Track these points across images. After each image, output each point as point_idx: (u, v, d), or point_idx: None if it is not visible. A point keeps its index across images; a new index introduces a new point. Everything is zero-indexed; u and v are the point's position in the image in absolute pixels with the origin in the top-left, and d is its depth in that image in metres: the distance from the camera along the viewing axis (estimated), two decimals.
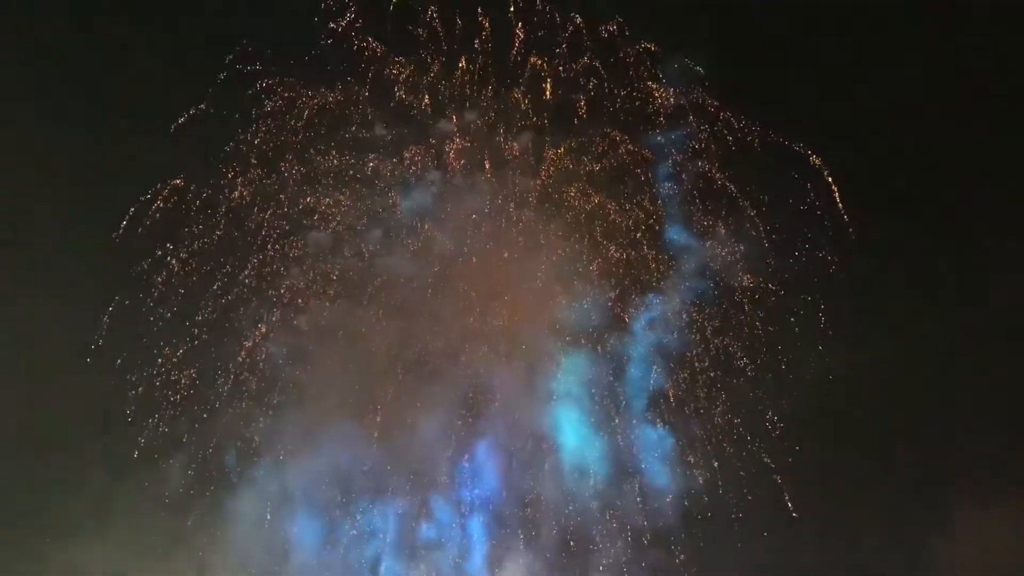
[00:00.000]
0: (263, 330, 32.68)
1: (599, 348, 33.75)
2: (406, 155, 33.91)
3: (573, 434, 32.82)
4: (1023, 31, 34.50)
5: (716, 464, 33.46)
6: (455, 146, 34.23)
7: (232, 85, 32.48)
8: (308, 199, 33.48)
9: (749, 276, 34.42)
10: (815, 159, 34.15)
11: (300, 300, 33.16)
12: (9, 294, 32.07)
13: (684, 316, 34.60)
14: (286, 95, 33.41)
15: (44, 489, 30.17)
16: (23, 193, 32.38)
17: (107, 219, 32.25)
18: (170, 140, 31.87)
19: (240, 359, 32.37)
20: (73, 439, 31.02)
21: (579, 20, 34.26)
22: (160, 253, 32.06)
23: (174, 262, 32.26)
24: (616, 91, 34.57)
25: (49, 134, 32.28)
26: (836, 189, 33.97)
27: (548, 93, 34.41)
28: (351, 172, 33.65)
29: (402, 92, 34.04)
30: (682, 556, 32.10)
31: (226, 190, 32.90)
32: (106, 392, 31.20)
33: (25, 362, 31.24)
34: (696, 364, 34.39)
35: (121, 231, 31.74)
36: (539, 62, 34.29)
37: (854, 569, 33.71)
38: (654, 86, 34.79)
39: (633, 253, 34.42)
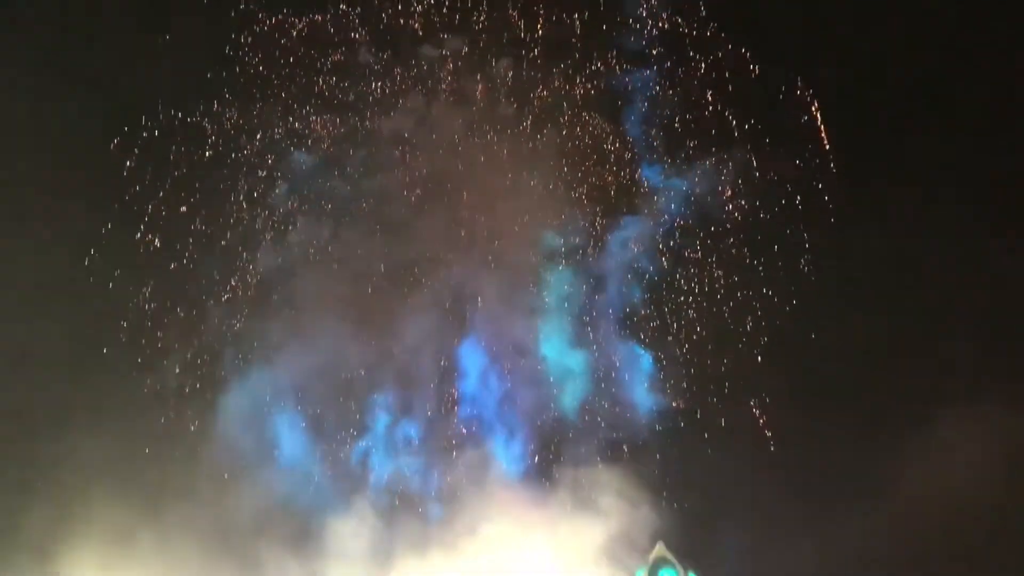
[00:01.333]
0: (253, 248, 33.70)
1: (581, 266, 34.50)
2: (395, 77, 34.43)
3: (552, 348, 33.71)
4: None
5: (694, 387, 34.34)
6: (444, 68, 34.61)
7: (218, 9, 33.18)
8: (296, 123, 34.18)
9: (735, 204, 34.85)
10: (806, 92, 34.37)
11: (289, 220, 34.12)
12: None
13: (669, 241, 35.21)
14: (273, 18, 33.91)
15: (38, 393, 31.33)
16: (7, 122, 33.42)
17: (96, 148, 32.96)
18: (155, 66, 32.41)
19: (232, 276, 33.50)
20: (69, 354, 31.97)
21: None
22: (148, 180, 32.78)
23: (162, 188, 32.96)
24: (612, 16, 34.75)
25: (38, 65, 33.09)
26: (821, 119, 34.22)
27: (541, 16, 34.59)
28: (339, 96, 34.23)
29: (391, 14, 34.46)
30: (656, 472, 32.85)
31: (213, 115, 33.59)
32: (100, 312, 32.19)
33: (17, 282, 31.95)
34: (679, 288, 35.07)
35: (111, 153, 32.58)
36: None
37: (831, 489, 34.54)
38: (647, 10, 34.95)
39: (623, 175, 34.89)
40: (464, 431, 32.68)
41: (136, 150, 32.91)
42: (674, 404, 34.63)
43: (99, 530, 27.94)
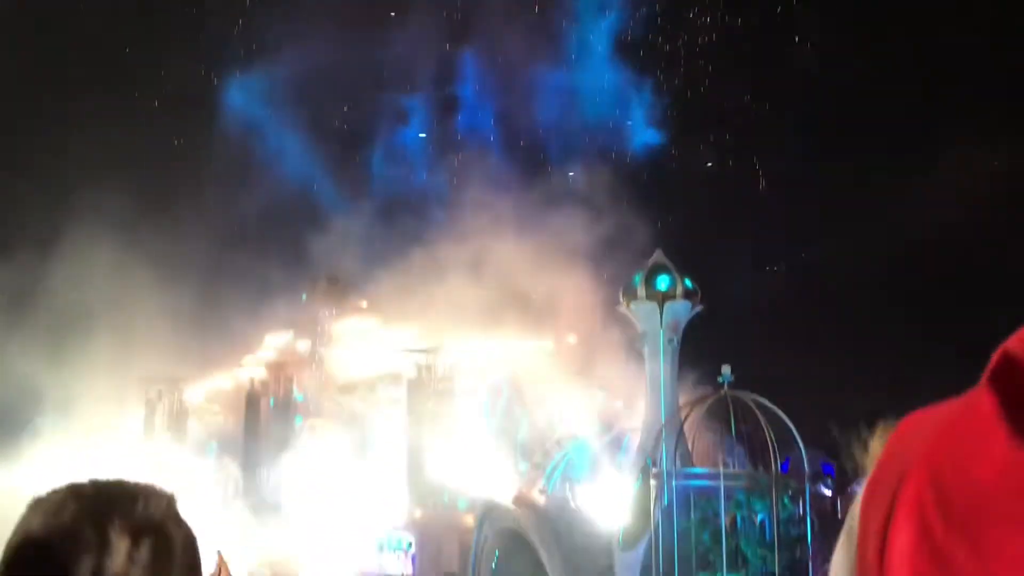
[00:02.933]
0: None
1: None
2: None
3: (554, 65, 33.29)
4: None
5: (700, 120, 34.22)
6: None
7: None
8: None
9: None
10: None
11: None
12: None
13: None
14: None
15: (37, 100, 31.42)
16: None
17: None
18: None
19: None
20: (66, 71, 32.10)
21: None
22: None
23: None
24: None
25: None
26: None
27: None
28: None
29: None
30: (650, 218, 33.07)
31: None
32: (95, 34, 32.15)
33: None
34: (694, 23, 34.43)
35: None
36: None
37: (822, 214, 34.99)
38: None
39: None
40: (463, 138, 32.79)
41: None
42: (673, 148, 34.68)
43: (104, 219, 26.67)
